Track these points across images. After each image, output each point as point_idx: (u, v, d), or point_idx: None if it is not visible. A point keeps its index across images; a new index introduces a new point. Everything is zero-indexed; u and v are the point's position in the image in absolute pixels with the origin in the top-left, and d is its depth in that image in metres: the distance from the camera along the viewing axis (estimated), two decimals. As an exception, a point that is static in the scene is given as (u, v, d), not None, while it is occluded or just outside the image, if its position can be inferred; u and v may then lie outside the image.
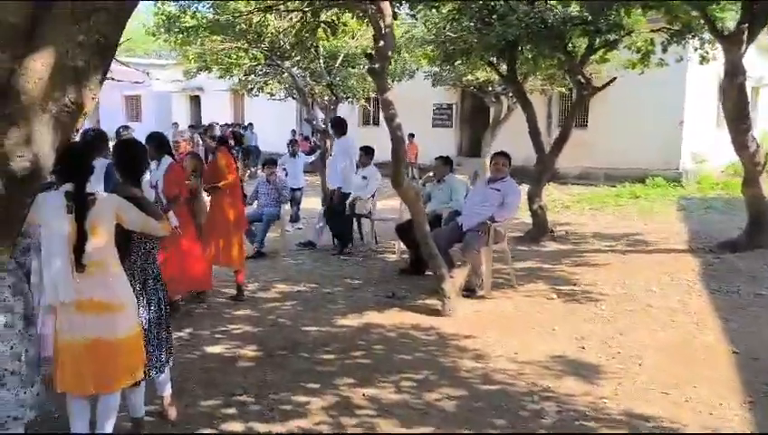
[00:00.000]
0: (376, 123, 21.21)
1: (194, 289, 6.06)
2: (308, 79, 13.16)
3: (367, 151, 8.80)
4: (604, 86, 8.91)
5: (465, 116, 19.45)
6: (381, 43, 5.51)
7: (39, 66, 2.36)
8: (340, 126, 8.65)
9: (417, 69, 15.55)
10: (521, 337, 5.04)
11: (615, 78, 8.98)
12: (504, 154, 6.58)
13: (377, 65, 5.55)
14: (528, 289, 6.44)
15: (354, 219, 9.12)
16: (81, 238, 2.99)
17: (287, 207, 9.93)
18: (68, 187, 3.03)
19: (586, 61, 8.91)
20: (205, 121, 23.76)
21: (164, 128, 19.99)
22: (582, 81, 9.00)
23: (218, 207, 6.31)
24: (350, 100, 14.67)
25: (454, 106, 19.23)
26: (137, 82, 8.82)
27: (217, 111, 25.41)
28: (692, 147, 15.97)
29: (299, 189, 10.87)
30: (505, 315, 5.64)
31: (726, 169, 17.57)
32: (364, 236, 9.43)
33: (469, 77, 13.54)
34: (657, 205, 12.37)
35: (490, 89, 14.27)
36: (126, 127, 9.17)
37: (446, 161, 7.49)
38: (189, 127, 20.17)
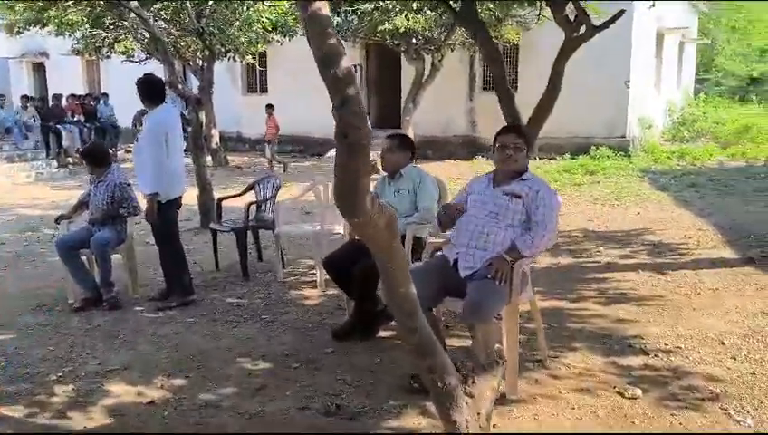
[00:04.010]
0: (264, 90, 17.75)
1: None
2: (173, 30, 9.62)
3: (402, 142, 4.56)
4: (608, 23, 6.17)
5: (372, 79, 16.41)
6: None
7: None
8: (151, 90, 4.94)
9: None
10: None
11: (623, 10, 6.28)
12: (516, 130, 3.66)
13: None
14: (572, 368, 3.62)
15: (250, 232, 5.95)
16: None
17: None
18: None
19: (576, -12, 6.15)
20: (51, 93, 19.22)
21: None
22: (573, 18, 6.23)
23: None
24: (231, 56, 11.16)
25: (358, 67, 16.12)
26: None
27: (67, 81, 20.76)
28: (638, 111, 13.90)
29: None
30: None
31: (663, 134, 15.80)
32: (263, 257, 6.31)
33: (386, 26, 10.49)
34: (625, 183, 10.04)
35: (414, 41, 11.28)
36: None
37: (402, 143, 4.45)
38: (23, 98, 15.76)
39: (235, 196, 6.39)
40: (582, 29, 6.31)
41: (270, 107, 13.75)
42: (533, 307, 3.64)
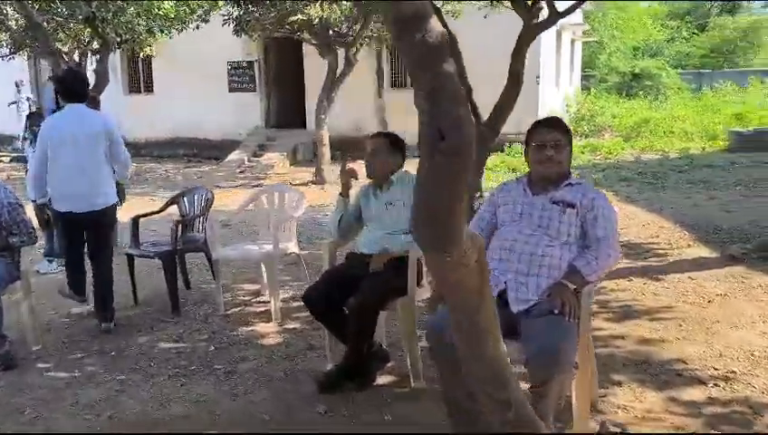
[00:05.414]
0: (150, 89, 16.16)
1: None
2: (55, 18, 8.13)
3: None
4: (571, 10, 5.72)
5: (272, 76, 15.33)
6: None
7: None
8: (66, 88, 4.51)
9: (211, 11, 11.05)
10: None
11: (587, -4, 5.84)
12: (556, 124, 2.95)
13: None
14: (629, 409, 2.99)
15: (176, 257, 4.87)
16: None
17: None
18: None
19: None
20: None
21: None
22: (531, 5, 5.70)
23: None
24: (127, 47, 9.72)
25: (255, 64, 15.00)
26: None
27: None
28: (547, 107, 13.86)
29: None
30: None
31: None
32: (192, 287, 5.27)
33: (299, 17, 9.54)
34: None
35: (331, 32, 10.38)
36: None
37: (393, 144, 3.62)
38: None
39: (153, 213, 5.29)
40: (541, 16, 5.89)
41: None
42: (588, 344, 2.97)
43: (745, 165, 9.93)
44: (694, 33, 28.66)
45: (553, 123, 2.95)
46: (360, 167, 3.61)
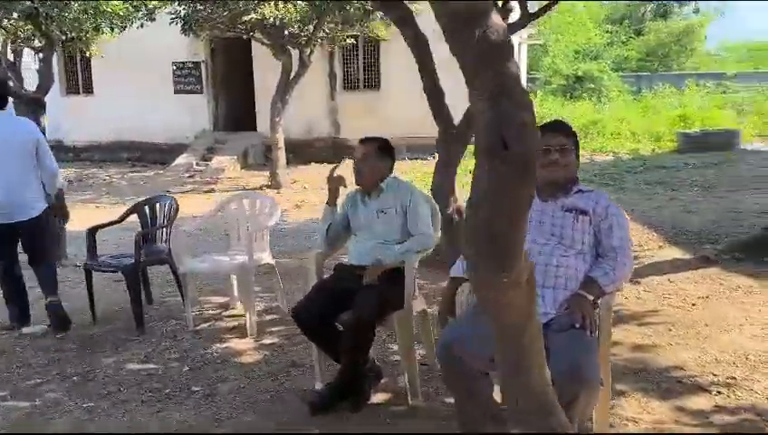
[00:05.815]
0: (89, 90, 15.46)
1: None
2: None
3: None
4: (542, 11, 5.65)
5: (219, 78, 14.87)
6: None
7: None
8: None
9: (157, 9, 10.56)
10: None
11: (559, -2, 5.80)
12: (561, 128, 2.84)
13: None
14: (638, 421, 2.91)
15: (139, 272, 4.55)
16: None
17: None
18: None
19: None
20: None
21: None
22: (502, 5, 5.60)
23: None
24: (72, 46, 9.17)
25: (202, 64, 14.53)
26: None
27: None
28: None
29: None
30: None
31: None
32: (154, 300, 4.95)
33: (252, 16, 9.22)
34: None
35: (286, 32, 10.06)
36: None
37: (382, 149, 3.43)
38: None
39: (112, 223, 4.92)
40: (511, 18, 5.82)
41: None
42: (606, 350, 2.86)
43: (697, 166, 10.20)
44: (631, 37, 29.57)
45: (557, 127, 2.83)
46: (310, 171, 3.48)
